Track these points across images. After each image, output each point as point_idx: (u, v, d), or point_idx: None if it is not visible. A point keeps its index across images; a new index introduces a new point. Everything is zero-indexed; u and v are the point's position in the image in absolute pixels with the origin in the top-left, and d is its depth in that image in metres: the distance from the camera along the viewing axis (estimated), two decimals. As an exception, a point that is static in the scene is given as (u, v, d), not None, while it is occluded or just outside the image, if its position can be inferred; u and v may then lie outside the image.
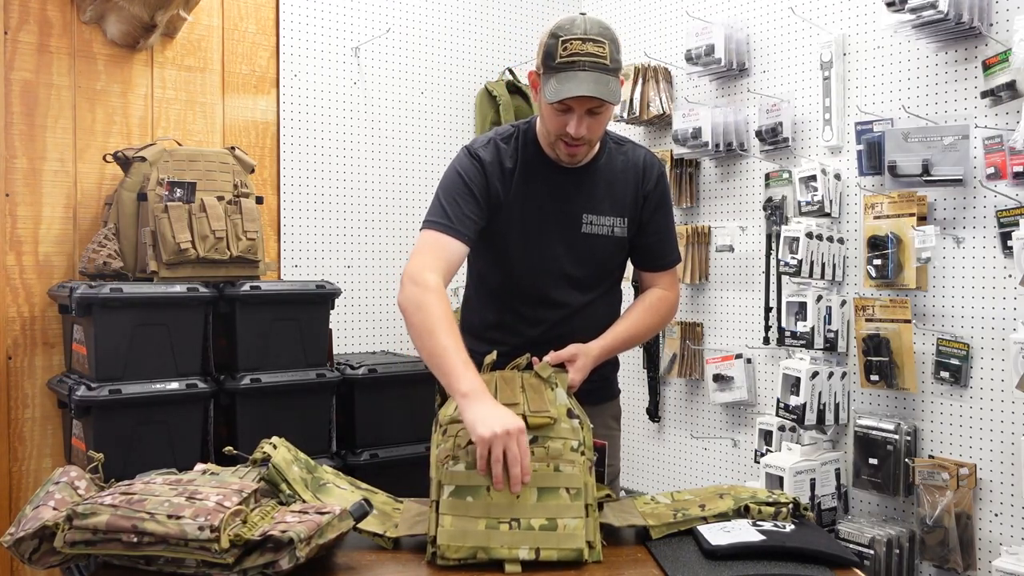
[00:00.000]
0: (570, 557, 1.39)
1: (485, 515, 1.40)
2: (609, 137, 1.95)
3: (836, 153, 2.87)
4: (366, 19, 3.45)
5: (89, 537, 1.29)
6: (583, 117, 1.74)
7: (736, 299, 3.23)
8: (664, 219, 1.99)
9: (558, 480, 1.44)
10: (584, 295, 1.93)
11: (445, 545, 1.38)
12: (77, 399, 2.44)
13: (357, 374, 2.93)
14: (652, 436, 3.59)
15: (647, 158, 1.97)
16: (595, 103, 1.73)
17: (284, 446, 1.60)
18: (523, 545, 1.38)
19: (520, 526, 1.39)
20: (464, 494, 1.42)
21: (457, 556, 1.37)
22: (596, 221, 1.90)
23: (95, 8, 2.84)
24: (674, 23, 3.48)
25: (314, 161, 3.34)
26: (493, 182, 1.85)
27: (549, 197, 1.88)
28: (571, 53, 1.70)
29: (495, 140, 1.90)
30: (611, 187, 1.91)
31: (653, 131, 3.60)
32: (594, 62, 1.70)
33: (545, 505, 1.42)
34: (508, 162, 1.87)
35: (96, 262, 2.66)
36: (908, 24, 2.51)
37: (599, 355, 1.81)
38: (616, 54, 1.74)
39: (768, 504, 1.58)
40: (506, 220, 1.87)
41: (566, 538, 1.39)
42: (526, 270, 1.89)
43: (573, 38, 1.70)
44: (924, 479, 2.50)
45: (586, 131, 1.76)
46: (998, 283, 2.45)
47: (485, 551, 1.38)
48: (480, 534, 1.38)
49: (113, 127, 2.95)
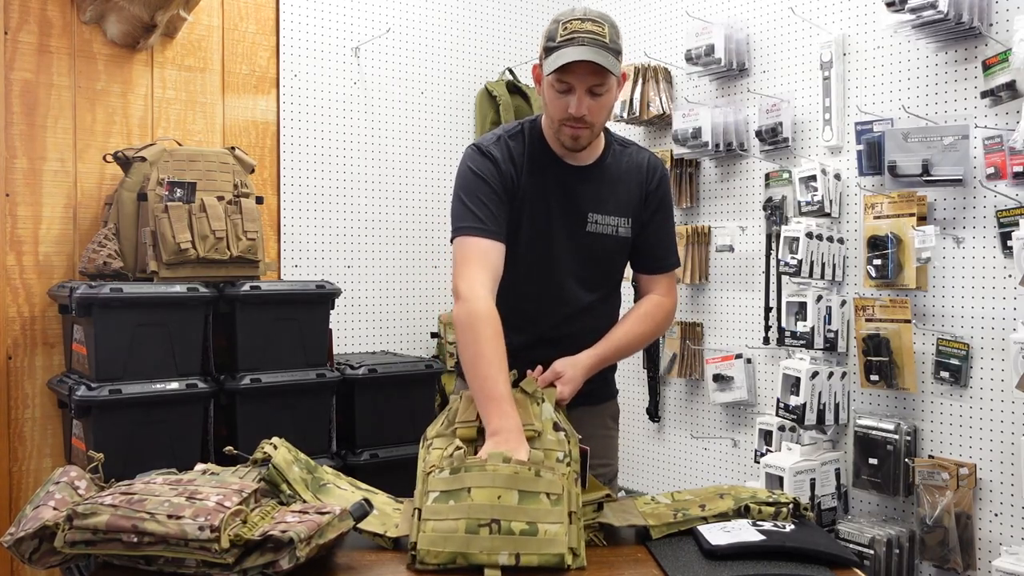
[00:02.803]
0: (551, 563, 1.35)
1: (466, 516, 1.37)
2: (614, 139, 1.97)
3: (836, 153, 2.87)
4: (366, 19, 3.45)
5: (89, 537, 1.29)
6: (584, 96, 1.76)
7: (736, 299, 3.23)
8: (664, 221, 1.99)
9: (538, 485, 1.43)
10: (589, 294, 1.93)
11: (425, 550, 1.35)
12: (77, 399, 2.44)
13: (357, 374, 2.93)
14: (652, 436, 3.59)
15: (651, 160, 1.99)
16: (595, 81, 1.75)
17: (284, 446, 1.59)
18: (503, 551, 1.34)
19: (500, 530, 1.36)
20: (446, 499, 1.41)
21: (436, 561, 1.35)
22: (601, 220, 1.91)
23: (95, 8, 2.84)
24: (674, 23, 3.48)
25: (314, 161, 3.34)
26: (508, 177, 1.86)
27: (556, 194, 1.89)
28: (571, 31, 1.74)
29: (503, 137, 1.91)
30: (616, 187, 1.92)
31: (653, 131, 3.60)
32: (593, 38, 1.74)
33: (526, 509, 1.39)
34: (518, 158, 1.88)
35: (96, 262, 2.66)
36: (908, 24, 2.51)
37: (591, 365, 1.82)
38: (616, 37, 1.78)
39: (768, 504, 1.58)
40: (516, 216, 1.87)
41: (547, 543, 1.36)
42: (532, 265, 1.90)
43: (573, 19, 1.76)
44: (924, 479, 2.50)
45: (587, 111, 1.78)
46: (998, 283, 2.45)
47: (464, 557, 1.34)
48: (460, 539, 1.35)
49: (113, 127, 2.95)
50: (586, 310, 1.93)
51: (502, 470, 1.44)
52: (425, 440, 1.58)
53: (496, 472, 1.43)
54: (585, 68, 1.73)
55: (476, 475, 1.43)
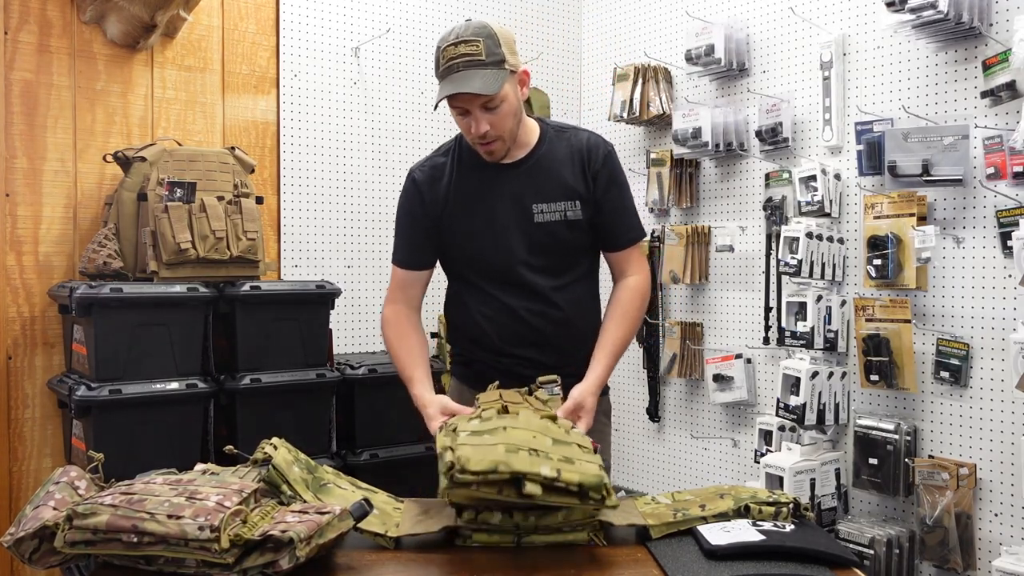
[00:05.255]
0: (592, 482, 1.35)
1: (504, 442, 1.38)
2: (549, 126, 2.04)
3: (836, 153, 2.87)
4: (366, 19, 3.45)
5: (89, 537, 1.29)
6: (480, 115, 1.85)
7: (736, 299, 3.23)
8: (618, 196, 2.03)
9: (570, 437, 1.49)
10: (554, 280, 1.99)
11: (466, 457, 1.32)
12: (77, 399, 2.44)
13: (357, 374, 2.94)
14: (652, 436, 3.59)
15: (591, 139, 2.03)
16: (483, 100, 1.83)
17: (284, 447, 1.59)
18: (545, 465, 1.34)
19: (539, 455, 1.36)
20: (482, 433, 1.43)
21: (478, 468, 1.32)
22: (547, 209, 1.97)
23: (95, 8, 2.83)
24: (674, 23, 3.48)
25: (314, 161, 3.34)
26: (428, 199, 2.01)
27: (498, 194, 1.97)
28: (447, 59, 1.83)
29: (434, 157, 2.07)
30: (556, 173, 1.98)
31: (653, 131, 3.60)
32: (468, 61, 1.80)
33: (560, 449, 1.41)
34: (445, 175, 2.01)
35: (96, 262, 2.66)
36: (908, 24, 2.51)
37: (598, 386, 1.91)
38: (495, 48, 1.82)
39: (768, 504, 1.58)
40: (455, 226, 1.99)
41: (586, 467, 1.38)
42: (492, 267, 1.99)
43: (447, 45, 1.83)
44: (924, 479, 2.50)
45: (489, 127, 1.86)
46: (998, 283, 2.45)
47: (507, 464, 1.32)
48: (501, 454, 1.34)
49: (113, 127, 2.95)
50: (557, 299, 1.99)
51: (534, 420, 1.49)
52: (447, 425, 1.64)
53: (529, 420, 1.49)
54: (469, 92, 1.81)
55: (509, 419, 1.49)
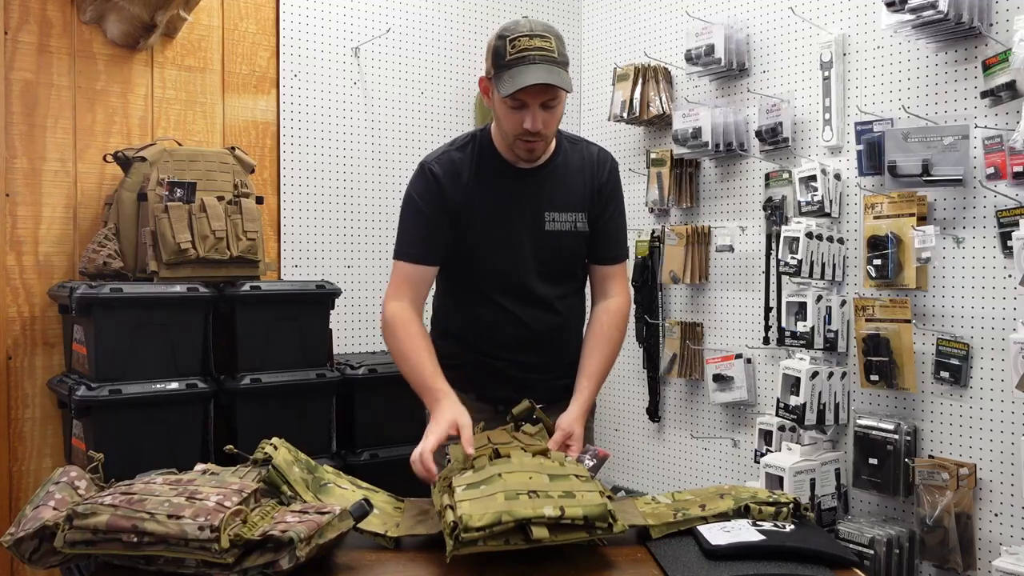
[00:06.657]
0: (596, 513, 1.35)
1: (503, 490, 1.38)
2: (563, 136, 2.03)
3: (836, 153, 2.87)
4: (366, 19, 3.45)
5: (89, 537, 1.29)
6: (537, 111, 1.81)
7: (736, 299, 3.23)
8: (615, 211, 2.05)
9: (565, 469, 1.49)
10: (556, 288, 2.00)
11: (467, 514, 1.32)
12: (77, 399, 2.44)
13: (357, 374, 2.93)
14: (652, 436, 3.59)
15: (600, 153, 2.05)
16: (548, 96, 1.80)
17: (284, 447, 1.60)
18: (547, 505, 1.34)
19: (540, 496, 1.37)
20: (478, 484, 1.42)
21: (482, 523, 1.31)
22: (559, 218, 1.97)
23: (95, 8, 2.84)
24: (674, 23, 3.48)
25: (314, 161, 3.34)
26: (449, 193, 1.93)
27: (511, 199, 1.95)
28: (520, 49, 1.77)
29: (449, 152, 1.99)
30: (569, 184, 1.98)
31: (653, 131, 3.60)
32: (543, 55, 1.77)
33: (559, 484, 1.42)
34: (464, 171, 1.95)
35: (96, 262, 2.66)
36: (908, 24, 2.51)
37: (584, 412, 1.91)
38: (563, 48, 1.82)
39: (768, 504, 1.58)
40: (469, 226, 1.94)
41: (588, 497, 1.38)
42: (498, 270, 1.96)
43: (520, 35, 1.78)
44: (924, 479, 2.50)
45: (542, 125, 1.83)
46: (998, 283, 2.45)
47: (509, 514, 1.32)
48: (502, 503, 1.34)
49: (113, 127, 2.95)
50: (557, 307, 2.00)
51: (527, 460, 1.49)
52: (441, 480, 1.59)
53: (522, 461, 1.48)
54: (538, 86, 1.77)
55: (502, 464, 1.48)
